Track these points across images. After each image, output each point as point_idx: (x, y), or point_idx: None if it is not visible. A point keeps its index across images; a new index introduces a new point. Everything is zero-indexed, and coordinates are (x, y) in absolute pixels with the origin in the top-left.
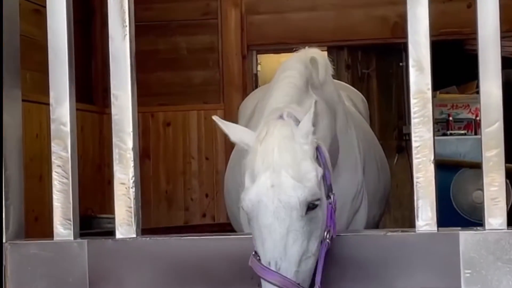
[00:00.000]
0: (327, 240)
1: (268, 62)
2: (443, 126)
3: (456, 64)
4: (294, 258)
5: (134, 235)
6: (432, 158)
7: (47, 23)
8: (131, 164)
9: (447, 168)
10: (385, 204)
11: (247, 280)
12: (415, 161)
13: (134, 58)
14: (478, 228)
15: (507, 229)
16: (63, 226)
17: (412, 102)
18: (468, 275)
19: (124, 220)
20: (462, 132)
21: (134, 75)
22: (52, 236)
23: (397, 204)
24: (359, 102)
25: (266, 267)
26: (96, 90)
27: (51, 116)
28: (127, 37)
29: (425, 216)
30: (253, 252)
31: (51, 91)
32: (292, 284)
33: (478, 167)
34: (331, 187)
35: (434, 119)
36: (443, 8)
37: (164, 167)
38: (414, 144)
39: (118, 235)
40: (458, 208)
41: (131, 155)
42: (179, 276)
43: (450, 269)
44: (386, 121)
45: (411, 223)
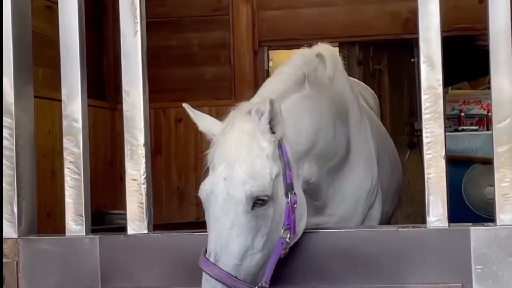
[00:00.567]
0: (286, 239)
1: (279, 58)
2: (455, 122)
3: (467, 60)
4: (235, 252)
5: (146, 231)
6: (443, 153)
7: (59, 19)
8: (143, 160)
9: (459, 164)
10: (398, 200)
11: None
12: (426, 157)
13: (146, 55)
14: (489, 223)
15: None
16: (75, 222)
17: (423, 98)
18: (479, 270)
19: (136, 216)
20: (474, 128)
21: (145, 71)
22: (64, 232)
23: (408, 199)
24: (370, 98)
25: (205, 258)
26: (108, 86)
27: (63, 112)
28: (138, 33)
29: (436, 211)
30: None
31: (63, 88)
32: (227, 276)
33: (490, 162)
34: (292, 187)
35: (445, 115)
36: (454, 3)
37: (175, 163)
38: (425, 140)
39: (130, 231)
40: (469, 203)
41: (143, 151)
42: (191, 271)
43: (461, 264)
44: (398, 117)
45: (423, 219)
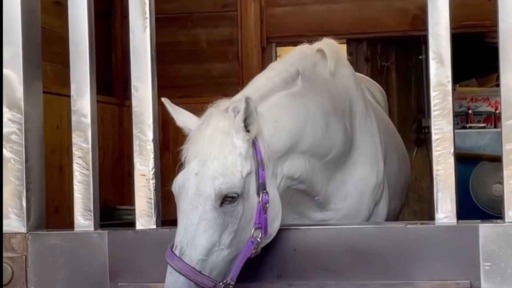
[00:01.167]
0: (257, 238)
1: None
2: (463, 119)
3: (475, 57)
4: (201, 247)
5: (154, 226)
6: (452, 150)
7: (68, 15)
8: (152, 155)
9: (467, 161)
10: (405, 196)
11: (266, 272)
12: (435, 153)
13: (155, 50)
14: (498, 220)
15: None
16: (83, 217)
17: (432, 94)
18: (487, 267)
19: (144, 212)
20: (482, 125)
21: (154, 67)
22: (73, 227)
23: (416, 197)
24: (378, 94)
25: (171, 251)
26: (116, 82)
27: (72, 108)
28: (147, 29)
29: (444, 208)
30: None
31: (72, 83)
32: (190, 270)
33: (497, 160)
34: (264, 186)
35: (454, 112)
36: (463, 0)
37: None
38: (434, 137)
39: (138, 226)
40: (477, 201)
41: (151, 147)
42: None
43: (470, 261)
44: (405, 114)
45: (430, 216)
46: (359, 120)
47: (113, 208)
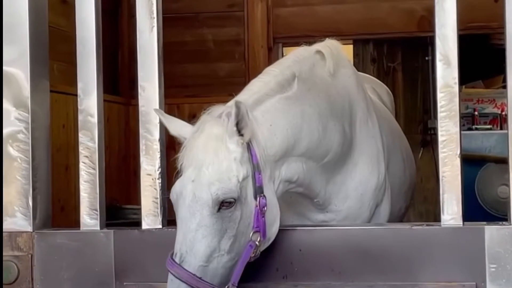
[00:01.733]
0: (256, 242)
1: None
2: (469, 120)
3: (482, 59)
4: (200, 254)
5: (160, 226)
6: (459, 152)
7: (75, 13)
8: (158, 155)
9: (472, 162)
10: (411, 197)
11: (272, 273)
12: (441, 155)
13: (162, 50)
14: (504, 222)
15: None
16: (89, 216)
17: (439, 96)
18: (493, 269)
19: (150, 211)
20: (488, 126)
21: (161, 66)
22: (78, 226)
23: (421, 198)
24: (384, 95)
25: (171, 259)
26: (122, 81)
27: (79, 107)
28: (155, 28)
29: (450, 210)
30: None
31: (79, 82)
32: (191, 277)
33: (503, 162)
34: (262, 189)
35: (461, 114)
36: (470, 1)
37: None
38: (441, 138)
39: (144, 225)
40: (482, 202)
41: (158, 146)
42: None
43: (475, 263)
44: (411, 115)
45: (435, 217)
46: (359, 121)
47: (118, 208)
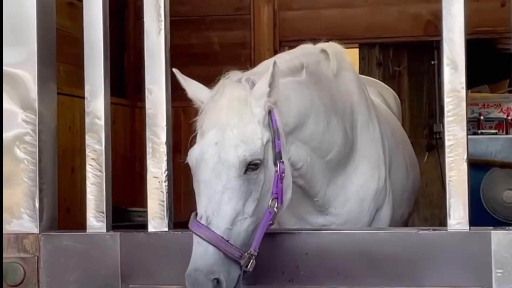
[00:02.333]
0: (274, 208)
1: None
2: (474, 125)
3: (488, 63)
4: (226, 216)
5: (166, 229)
6: (465, 157)
7: (83, 16)
8: (164, 158)
9: (478, 167)
10: (414, 202)
11: (278, 276)
12: (448, 159)
13: (169, 53)
14: (511, 227)
15: None
16: (96, 219)
17: (446, 100)
18: (499, 274)
19: (157, 214)
20: (493, 131)
21: (168, 69)
22: (84, 228)
23: (426, 202)
24: (391, 99)
25: (197, 221)
26: (128, 83)
27: (86, 109)
28: (162, 31)
29: (457, 215)
30: (194, 212)
31: (86, 85)
32: (219, 239)
33: (508, 166)
34: (280, 155)
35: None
36: (477, 6)
37: None
38: (447, 143)
39: (151, 228)
40: (488, 207)
41: (164, 149)
42: None
43: (482, 268)
44: (417, 119)
45: (441, 222)
46: (361, 125)
47: (124, 210)
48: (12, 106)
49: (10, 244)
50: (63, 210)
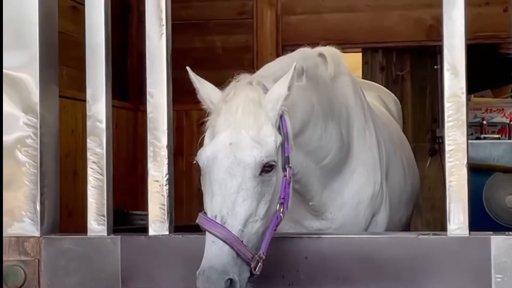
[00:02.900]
0: (280, 213)
1: None
2: (477, 129)
3: (490, 68)
4: (241, 216)
5: (167, 232)
6: (466, 161)
7: (85, 19)
8: (165, 161)
9: (480, 172)
10: (413, 206)
11: (278, 280)
12: (448, 164)
13: (171, 57)
14: (510, 233)
15: None
16: (97, 222)
17: (446, 105)
18: (499, 279)
19: (157, 217)
20: (496, 136)
21: (170, 73)
22: (86, 232)
23: (429, 206)
24: (391, 103)
25: (211, 219)
26: (131, 87)
27: (88, 112)
28: (163, 35)
29: (457, 219)
30: (202, 212)
31: (88, 88)
32: (234, 239)
33: (511, 171)
34: (289, 160)
35: (468, 123)
36: (479, 11)
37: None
38: (448, 148)
39: (151, 232)
40: (490, 212)
41: (165, 153)
42: None
43: (481, 273)
44: (420, 123)
45: (443, 225)
46: (357, 130)
47: (125, 213)
48: (14, 109)
49: (11, 247)
50: (65, 214)
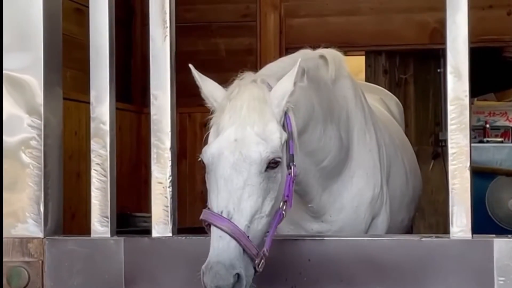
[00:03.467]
0: (283, 211)
1: None
2: (480, 133)
3: (494, 71)
4: (247, 212)
5: (170, 234)
6: (468, 164)
7: (89, 22)
8: (169, 163)
9: (483, 175)
10: (415, 208)
11: (281, 283)
12: (451, 167)
13: (175, 59)
14: None
15: None
16: (100, 224)
17: (449, 108)
18: (501, 282)
19: (161, 219)
20: (499, 139)
21: (173, 76)
22: (89, 233)
23: (432, 210)
24: (393, 106)
25: (218, 214)
26: (134, 89)
27: (91, 114)
28: (167, 38)
29: (459, 222)
30: (206, 208)
31: (91, 90)
32: (241, 234)
33: None
34: (293, 158)
35: (471, 126)
36: (482, 14)
37: (200, 167)
38: (451, 151)
39: (154, 233)
40: (493, 215)
41: (169, 155)
42: None
43: (484, 276)
44: (423, 127)
45: (446, 229)
46: (357, 133)
47: (129, 215)
48: (18, 111)
49: (14, 248)
50: (69, 215)
